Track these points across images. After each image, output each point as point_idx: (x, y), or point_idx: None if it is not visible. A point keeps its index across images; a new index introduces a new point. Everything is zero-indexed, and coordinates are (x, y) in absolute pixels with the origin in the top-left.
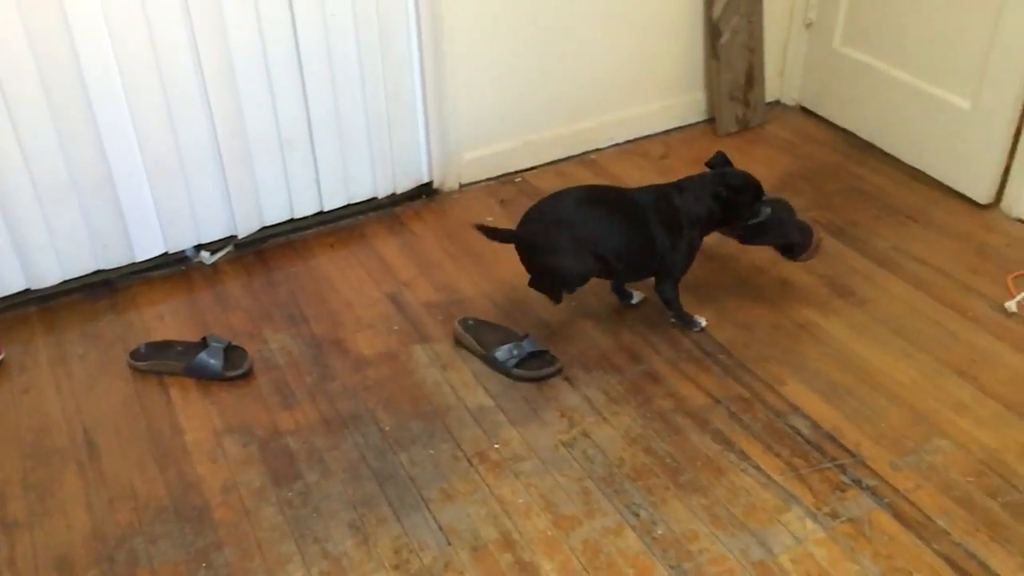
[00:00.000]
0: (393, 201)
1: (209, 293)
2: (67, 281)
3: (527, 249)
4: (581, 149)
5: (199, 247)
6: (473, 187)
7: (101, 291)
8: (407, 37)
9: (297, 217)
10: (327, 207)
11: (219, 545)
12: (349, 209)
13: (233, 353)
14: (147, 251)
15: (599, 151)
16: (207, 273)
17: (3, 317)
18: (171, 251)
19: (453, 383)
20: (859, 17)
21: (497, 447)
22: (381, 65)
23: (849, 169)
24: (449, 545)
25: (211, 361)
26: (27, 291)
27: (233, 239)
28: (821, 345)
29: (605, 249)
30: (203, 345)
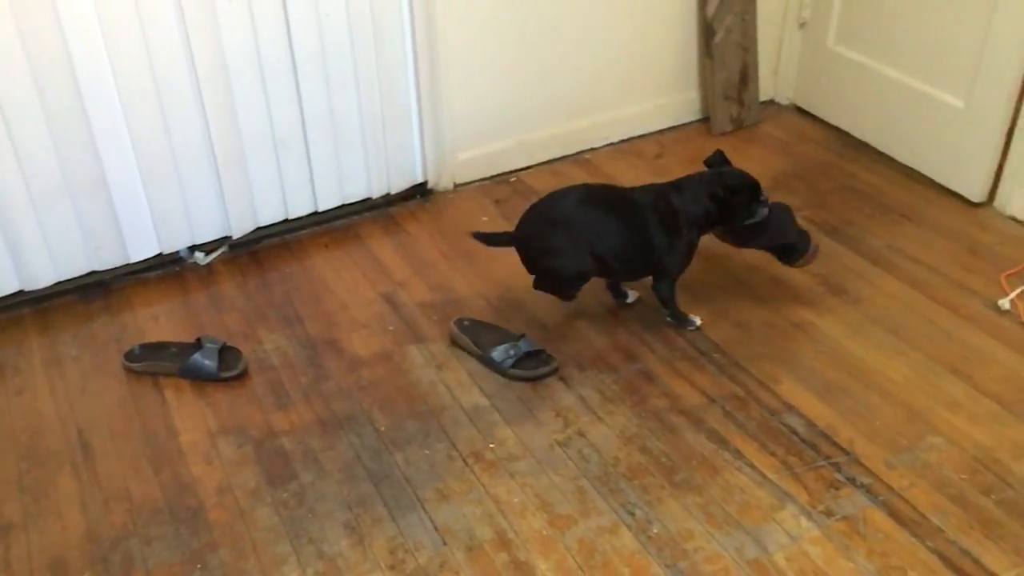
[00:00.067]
0: (388, 201)
1: (203, 294)
2: (61, 282)
3: (526, 250)
4: (575, 149)
5: (193, 248)
6: (468, 187)
7: (95, 292)
8: (401, 37)
9: (291, 217)
10: (321, 207)
11: (214, 546)
12: (344, 209)
13: (228, 354)
14: (141, 252)
15: (593, 150)
16: (201, 274)
17: None
18: (165, 252)
19: (448, 383)
20: (853, 16)
21: (492, 447)
22: (375, 65)
23: (843, 168)
24: (445, 545)
25: (206, 362)
26: (20, 292)
27: (227, 240)
28: (815, 344)
29: (603, 249)
30: (198, 346)
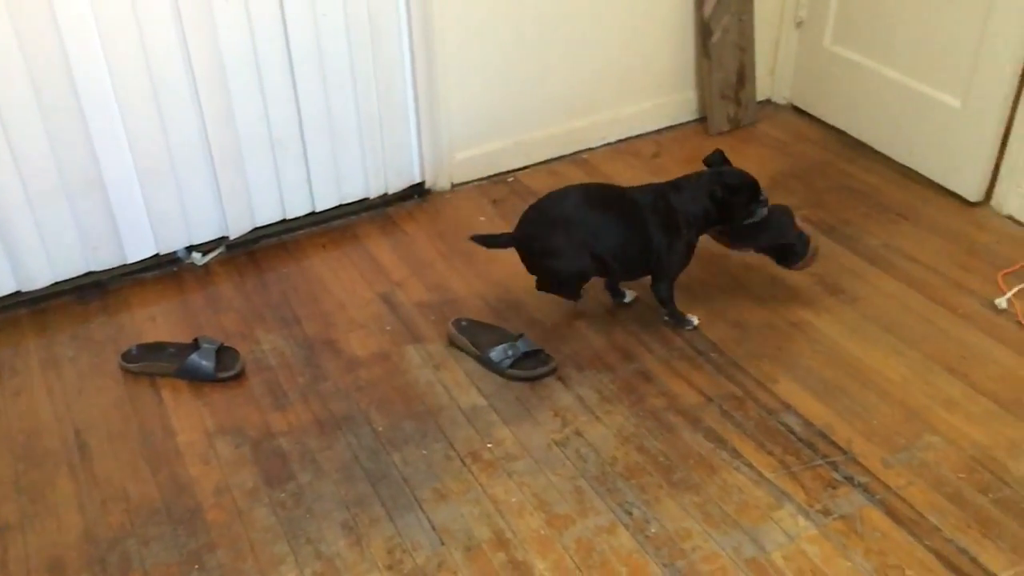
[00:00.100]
0: (385, 201)
1: (201, 294)
2: (58, 283)
3: (526, 251)
4: (573, 148)
5: (190, 248)
6: (465, 187)
7: (92, 293)
8: (398, 37)
9: (289, 218)
10: (319, 207)
11: (212, 546)
12: (341, 209)
13: (225, 354)
14: (138, 252)
15: (591, 150)
16: (199, 274)
17: None
18: (162, 252)
19: (446, 383)
20: (850, 16)
21: (490, 447)
22: (372, 65)
23: (840, 167)
24: (442, 545)
25: (203, 362)
26: (17, 293)
27: (225, 240)
28: (812, 343)
29: (602, 249)
30: (195, 346)
